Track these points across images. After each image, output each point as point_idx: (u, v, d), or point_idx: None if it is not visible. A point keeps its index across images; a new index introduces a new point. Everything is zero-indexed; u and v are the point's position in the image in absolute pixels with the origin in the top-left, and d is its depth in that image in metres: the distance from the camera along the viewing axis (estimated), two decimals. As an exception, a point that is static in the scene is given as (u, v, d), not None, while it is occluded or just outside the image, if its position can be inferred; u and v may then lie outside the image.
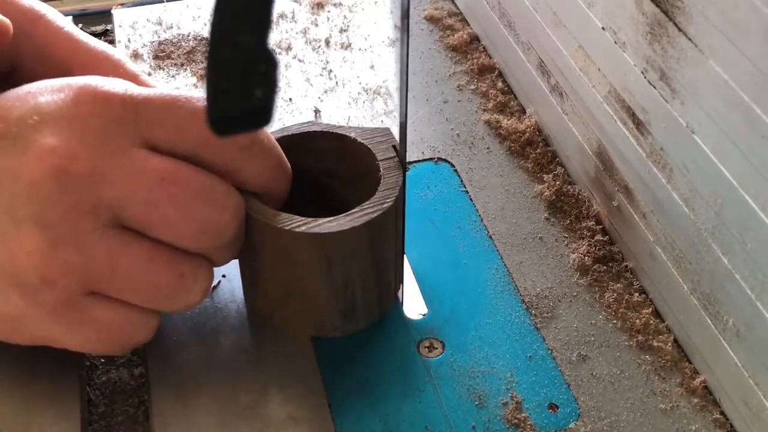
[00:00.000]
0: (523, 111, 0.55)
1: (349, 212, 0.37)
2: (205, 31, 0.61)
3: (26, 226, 0.33)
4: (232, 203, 0.36)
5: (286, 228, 0.36)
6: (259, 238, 0.38)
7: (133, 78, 0.39)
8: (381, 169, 0.39)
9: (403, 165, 0.40)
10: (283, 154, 0.39)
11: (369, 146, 0.40)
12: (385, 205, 0.38)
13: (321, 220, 0.37)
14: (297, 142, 0.41)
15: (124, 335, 0.36)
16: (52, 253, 0.33)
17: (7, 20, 0.37)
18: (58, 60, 0.40)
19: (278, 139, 0.40)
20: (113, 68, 0.40)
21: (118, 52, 0.41)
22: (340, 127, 0.42)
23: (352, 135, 0.41)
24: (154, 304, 0.36)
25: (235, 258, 0.39)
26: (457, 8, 0.65)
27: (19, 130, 0.33)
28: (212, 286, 0.42)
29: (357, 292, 0.40)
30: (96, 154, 0.33)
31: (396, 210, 0.39)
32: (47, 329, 0.35)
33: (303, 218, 0.37)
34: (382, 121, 0.55)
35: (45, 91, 0.34)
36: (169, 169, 0.34)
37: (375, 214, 0.37)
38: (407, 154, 0.40)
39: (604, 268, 0.46)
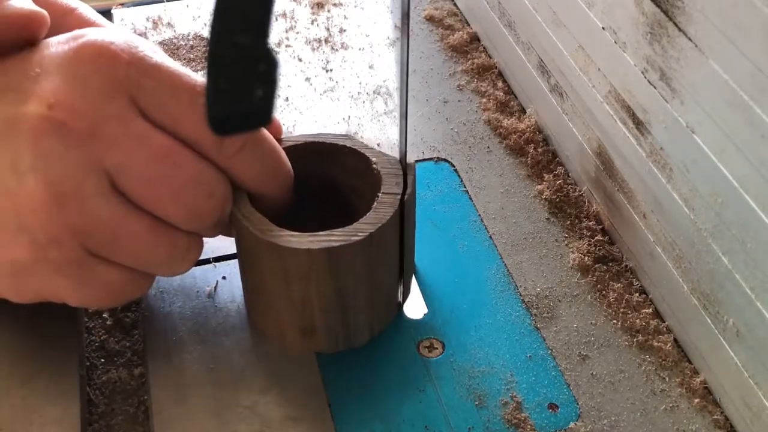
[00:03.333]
0: (523, 111, 0.55)
1: (326, 232, 0.37)
2: (205, 31, 0.61)
3: (30, 179, 0.33)
4: (220, 191, 0.36)
5: (252, 231, 0.36)
6: (237, 237, 0.39)
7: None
8: (376, 201, 0.38)
9: (403, 202, 0.38)
10: (285, 160, 0.39)
11: (382, 175, 0.39)
12: (352, 238, 0.36)
13: (286, 233, 0.36)
14: (327, 151, 0.41)
15: (124, 293, 0.37)
16: (58, 212, 0.33)
17: (44, 11, 0.37)
18: None
19: (306, 144, 0.40)
20: None
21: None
22: (369, 148, 0.41)
23: (373, 159, 0.40)
24: (148, 269, 0.37)
25: (224, 234, 0.40)
26: (457, 8, 0.65)
27: (20, 82, 0.33)
28: (213, 287, 0.43)
29: (315, 314, 0.39)
30: (96, 113, 0.33)
31: (374, 243, 0.37)
32: (53, 284, 0.35)
33: (276, 227, 0.37)
34: (382, 121, 0.55)
35: (52, 44, 0.34)
36: (170, 148, 0.35)
37: (336, 243, 0.36)
38: (407, 154, 0.40)
39: (604, 268, 0.46)
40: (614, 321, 0.43)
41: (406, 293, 0.43)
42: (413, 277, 0.45)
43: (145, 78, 0.34)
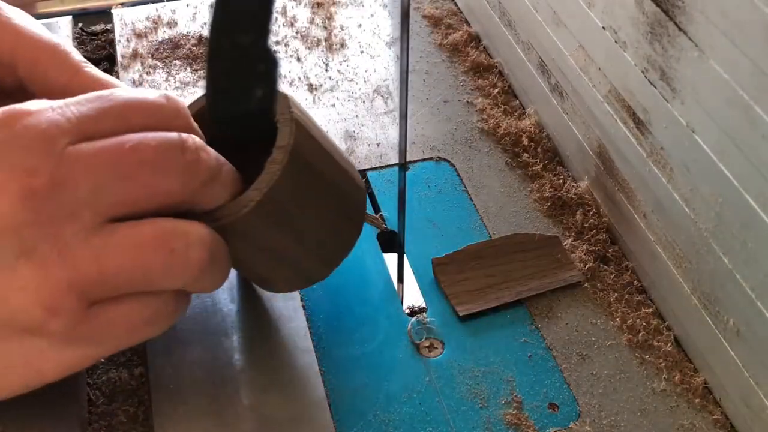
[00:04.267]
0: (524, 110, 0.55)
1: (219, 207, 0.36)
2: (205, 31, 0.61)
3: (9, 262, 0.31)
4: (193, 142, 0.35)
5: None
6: None
7: (77, 69, 0.38)
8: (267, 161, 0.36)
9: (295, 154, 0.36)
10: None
11: (278, 126, 0.37)
12: (243, 210, 0.35)
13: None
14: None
15: (150, 323, 0.35)
16: (45, 279, 0.32)
17: None
18: (1, 55, 0.39)
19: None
20: (58, 59, 0.39)
21: (64, 43, 0.39)
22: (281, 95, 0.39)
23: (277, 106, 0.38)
24: (156, 286, 0.35)
25: (228, 195, 0.36)
26: (458, 7, 0.65)
27: None
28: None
29: (259, 270, 0.40)
30: (48, 160, 0.32)
31: (269, 204, 0.35)
32: (72, 354, 0.34)
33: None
34: (382, 121, 0.55)
35: None
36: (122, 141, 0.33)
37: (228, 219, 0.35)
38: (407, 153, 0.40)
39: (605, 267, 0.46)
40: (614, 321, 0.43)
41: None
42: (413, 277, 0.45)
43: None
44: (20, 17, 0.40)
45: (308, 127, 0.38)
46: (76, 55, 0.39)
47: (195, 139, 0.34)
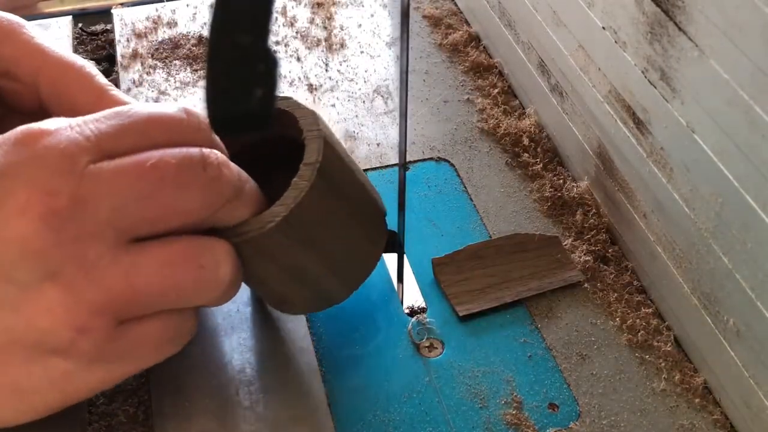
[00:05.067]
0: (524, 110, 0.55)
1: (244, 222, 0.36)
2: (205, 31, 0.61)
3: (34, 285, 0.31)
4: (215, 158, 0.34)
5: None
6: None
7: (101, 92, 0.38)
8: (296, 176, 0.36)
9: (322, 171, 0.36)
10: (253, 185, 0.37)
11: (306, 142, 0.37)
12: (268, 225, 0.35)
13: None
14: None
15: (173, 340, 0.36)
16: (73, 300, 0.31)
17: None
18: (24, 75, 0.39)
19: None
20: (82, 82, 0.39)
21: (88, 65, 0.39)
22: (301, 108, 0.39)
23: (300, 123, 0.38)
24: (185, 303, 0.35)
25: (249, 212, 0.36)
26: (458, 7, 0.65)
27: None
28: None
29: (276, 289, 0.39)
30: (70, 179, 0.32)
31: (295, 221, 0.35)
32: (95, 375, 0.34)
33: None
34: (382, 121, 0.55)
35: None
36: (143, 158, 0.33)
37: (252, 234, 0.35)
38: (407, 153, 0.40)
39: (605, 267, 0.46)
40: (614, 321, 0.43)
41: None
42: (413, 277, 0.45)
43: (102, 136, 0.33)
44: (42, 37, 0.40)
45: (334, 145, 0.38)
46: (101, 78, 0.39)
47: (217, 155, 0.34)
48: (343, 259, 0.39)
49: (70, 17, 0.62)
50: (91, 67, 0.39)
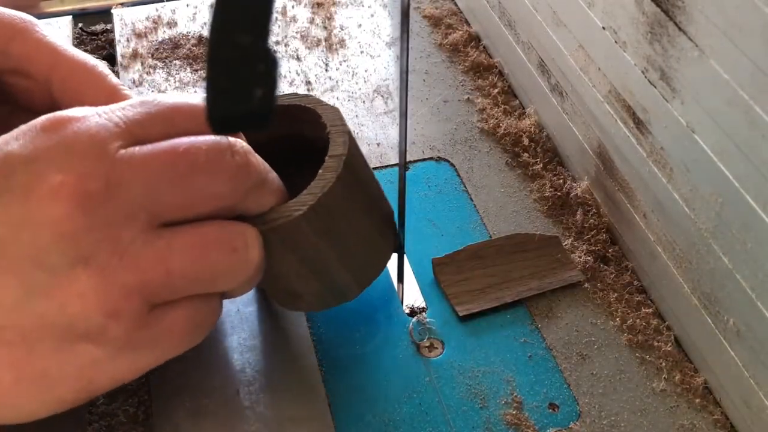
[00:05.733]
0: (524, 110, 0.55)
1: (272, 209, 0.36)
2: (205, 31, 0.61)
3: (65, 270, 0.31)
4: (242, 146, 0.35)
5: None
6: None
7: (114, 91, 0.38)
8: (321, 168, 0.36)
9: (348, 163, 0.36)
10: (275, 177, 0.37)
11: (331, 136, 0.37)
12: (295, 213, 0.35)
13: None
14: (291, 112, 0.40)
15: (199, 328, 0.36)
16: (106, 284, 0.31)
17: None
18: (37, 73, 0.39)
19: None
20: (94, 81, 0.39)
21: (100, 65, 0.40)
22: (323, 104, 0.40)
23: (322, 118, 0.39)
24: (216, 287, 0.35)
25: (275, 200, 0.36)
26: (458, 7, 0.65)
27: (6, 182, 0.31)
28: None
29: (293, 283, 0.39)
30: (101, 164, 0.32)
31: (321, 211, 0.36)
32: (124, 363, 0.34)
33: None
34: (382, 121, 0.55)
35: (10, 140, 0.32)
36: (174, 144, 0.33)
37: (280, 221, 0.35)
38: (407, 153, 0.40)
39: (605, 267, 0.46)
40: (614, 321, 0.43)
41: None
42: (413, 277, 0.45)
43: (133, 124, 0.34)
44: (55, 36, 0.40)
45: (356, 141, 0.38)
46: (113, 78, 0.39)
47: (243, 143, 0.35)
48: (360, 255, 0.40)
49: (70, 17, 0.62)
50: (103, 66, 0.40)
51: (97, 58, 0.59)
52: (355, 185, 0.37)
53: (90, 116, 0.33)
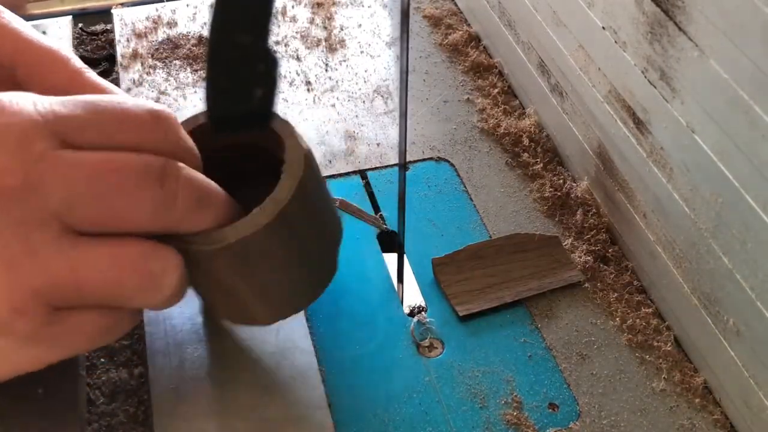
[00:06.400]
0: (524, 110, 0.55)
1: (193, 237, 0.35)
2: (205, 31, 0.61)
3: None
4: (176, 173, 0.34)
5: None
6: None
7: (78, 73, 0.38)
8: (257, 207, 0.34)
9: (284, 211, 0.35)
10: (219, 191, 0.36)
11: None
12: (213, 246, 0.34)
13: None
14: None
15: (109, 332, 0.35)
16: (14, 279, 0.31)
17: None
18: (1, 58, 0.38)
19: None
20: (59, 65, 0.38)
21: (64, 48, 0.39)
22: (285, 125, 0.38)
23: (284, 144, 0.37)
24: (129, 303, 0.34)
25: (211, 222, 0.35)
26: (458, 7, 0.65)
27: None
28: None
29: (242, 302, 0.38)
30: (23, 161, 0.31)
31: (240, 248, 0.34)
32: (27, 355, 0.34)
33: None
34: (382, 121, 0.55)
35: None
36: (104, 159, 0.32)
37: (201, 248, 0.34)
38: (407, 153, 0.40)
39: (605, 267, 0.46)
40: (614, 321, 0.43)
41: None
42: (413, 277, 0.45)
43: (58, 109, 0.32)
44: (19, 21, 0.39)
45: (312, 177, 0.37)
46: (77, 61, 0.39)
47: (179, 170, 0.34)
48: (277, 294, 0.38)
49: (70, 17, 0.62)
50: (67, 50, 0.39)
51: (97, 58, 0.60)
52: (290, 234, 0.36)
53: (25, 109, 0.32)
